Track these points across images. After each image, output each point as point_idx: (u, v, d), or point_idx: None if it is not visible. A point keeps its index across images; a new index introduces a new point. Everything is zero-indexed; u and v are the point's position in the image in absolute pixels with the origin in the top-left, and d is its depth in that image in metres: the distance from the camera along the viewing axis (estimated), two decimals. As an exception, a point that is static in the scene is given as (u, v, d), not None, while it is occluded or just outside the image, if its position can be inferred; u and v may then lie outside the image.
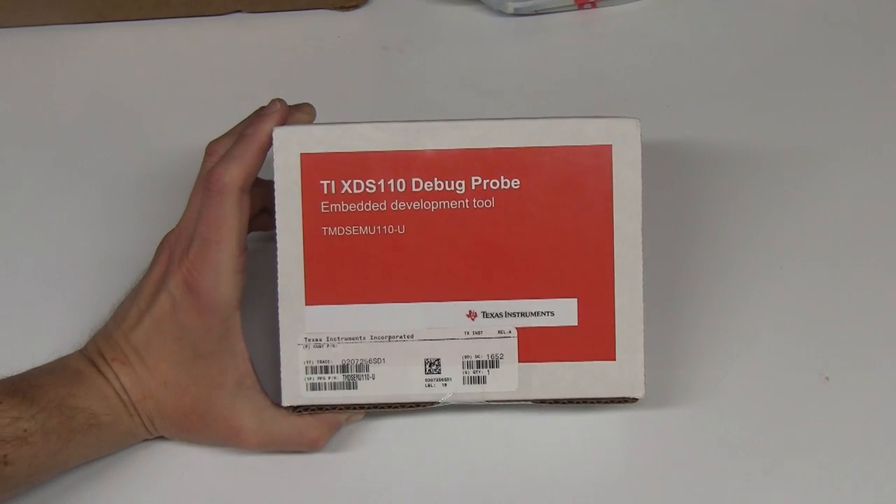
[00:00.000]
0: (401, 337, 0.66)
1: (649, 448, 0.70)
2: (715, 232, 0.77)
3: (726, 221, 0.77)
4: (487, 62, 0.85)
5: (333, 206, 0.65)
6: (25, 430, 0.62)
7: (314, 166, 0.65)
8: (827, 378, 0.72)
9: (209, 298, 0.64)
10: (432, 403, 0.67)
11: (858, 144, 0.80)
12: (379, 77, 0.84)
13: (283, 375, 0.66)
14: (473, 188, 0.65)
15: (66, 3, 0.84)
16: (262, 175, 0.66)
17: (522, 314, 0.66)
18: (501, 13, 0.86)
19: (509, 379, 0.67)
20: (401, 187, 0.65)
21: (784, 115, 0.82)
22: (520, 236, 0.65)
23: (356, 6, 0.86)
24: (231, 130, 0.68)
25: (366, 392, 0.67)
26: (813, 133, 0.81)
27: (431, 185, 0.65)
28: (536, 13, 0.86)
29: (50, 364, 0.67)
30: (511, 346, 0.66)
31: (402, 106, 0.82)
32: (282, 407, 0.67)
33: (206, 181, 0.64)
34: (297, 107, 0.68)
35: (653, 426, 0.70)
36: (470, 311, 0.66)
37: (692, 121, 0.81)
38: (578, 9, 0.86)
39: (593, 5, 0.87)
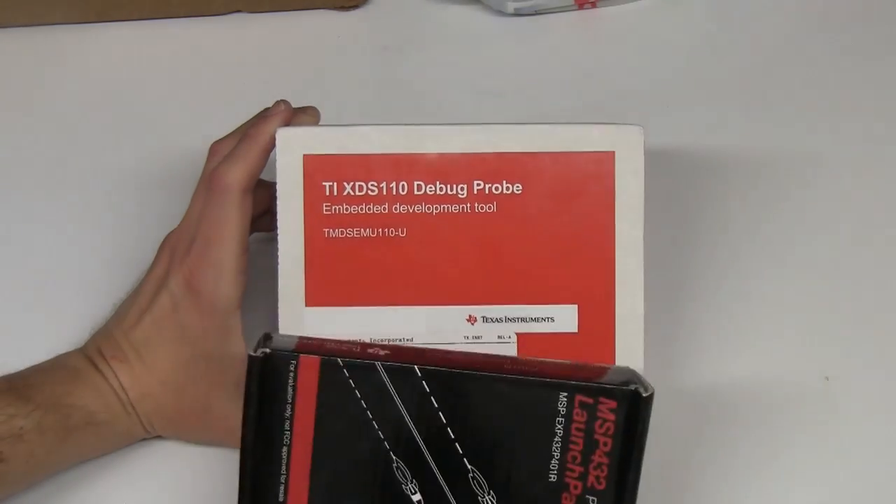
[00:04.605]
0: (400, 340, 0.66)
1: (649, 454, 0.70)
2: (714, 233, 0.77)
3: (725, 222, 0.77)
4: (487, 62, 0.85)
5: (335, 208, 0.65)
6: (21, 428, 0.62)
7: (317, 168, 0.65)
8: (827, 378, 0.72)
9: (210, 298, 0.64)
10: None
11: (859, 145, 0.80)
12: (379, 77, 0.84)
13: (282, 377, 0.67)
14: (475, 192, 0.65)
15: (66, 3, 0.84)
16: (264, 176, 0.66)
17: (522, 319, 0.66)
18: (501, 13, 0.86)
19: None
20: (403, 190, 0.65)
21: (783, 115, 0.82)
22: (521, 241, 0.65)
23: (356, 6, 0.86)
24: (235, 131, 0.68)
25: None
26: (812, 133, 0.81)
27: (433, 188, 0.65)
28: (536, 13, 0.86)
29: (48, 362, 0.67)
30: (510, 352, 0.66)
31: (401, 106, 0.82)
32: (281, 409, 0.67)
33: (208, 181, 0.65)
34: (302, 109, 0.67)
35: (653, 432, 0.70)
36: (470, 316, 0.66)
37: (692, 121, 0.81)
38: (578, 9, 0.87)
39: (593, 5, 0.87)
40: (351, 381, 0.58)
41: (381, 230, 0.65)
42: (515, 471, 0.59)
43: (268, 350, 0.58)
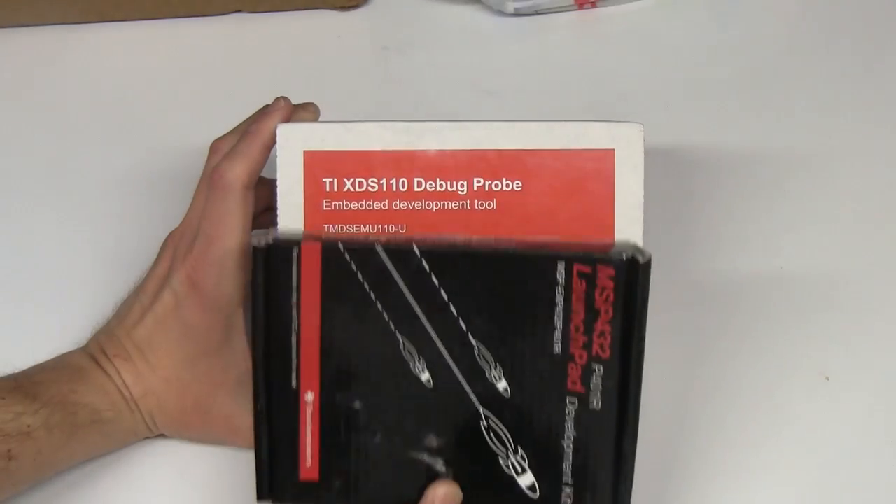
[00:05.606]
0: None
1: (648, 451, 0.70)
2: (713, 232, 0.77)
3: (725, 221, 0.77)
4: (487, 62, 0.85)
5: (335, 204, 0.65)
6: (29, 426, 0.62)
7: (317, 164, 0.65)
8: (827, 378, 0.72)
9: (212, 295, 0.64)
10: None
11: (858, 144, 0.80)
12: (379, 77, 0.85)
13: (283, 374, 0.67)
14: (475, 189, 0.65)
15: (66, 3, 0.84)
16: (264, 173, 0.66)
17: None
18: (501, 13, 0.86)
19: None
20: (403, 186, 0.65)
21: (783, 115, 0.82)
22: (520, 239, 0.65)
23: (356, 6, 0.87)
24: (235, 128, 0.68)
25: None
26: (812, 133, 0.81)
27: (433, 185, 0.65)
28: (536, 13, 0.86)
29: (52, 361, 0.67)
30: None
31: (401, 106, 0.82)
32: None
33: (210, 178, 0.64)
34: (302, 105, 0.68)
35: (652, 429, 0.70)
36: (470, 312, 0.66)
37: (691, 121, 0.81)
38: (578, 9, 0.87)
39: (593, 5, 0.87)
40: (352, 264, 0.59)
41: (381, 226, 0.65)
42: (520, 344, 0.59)
43: (271, 240, 0.59)
